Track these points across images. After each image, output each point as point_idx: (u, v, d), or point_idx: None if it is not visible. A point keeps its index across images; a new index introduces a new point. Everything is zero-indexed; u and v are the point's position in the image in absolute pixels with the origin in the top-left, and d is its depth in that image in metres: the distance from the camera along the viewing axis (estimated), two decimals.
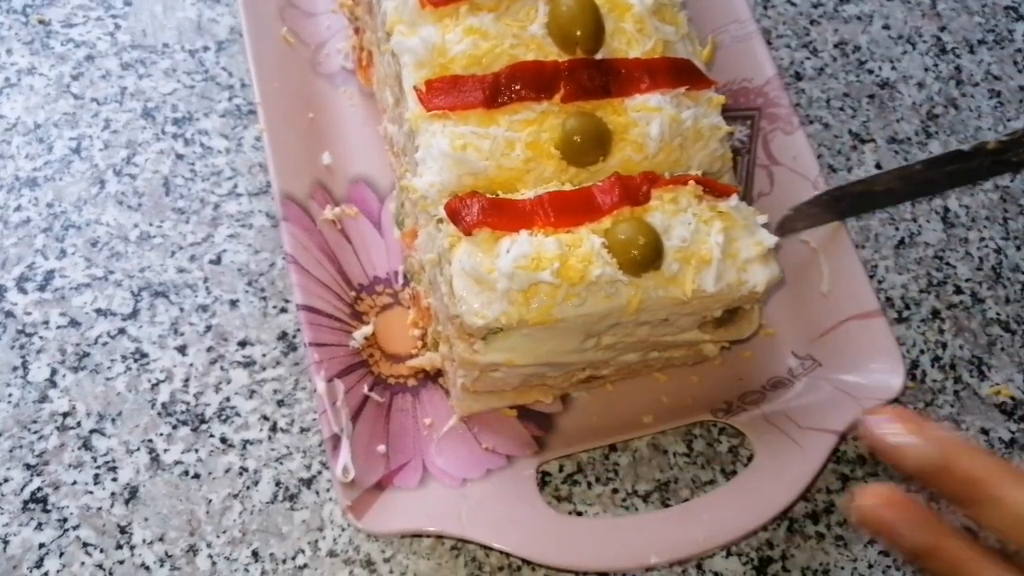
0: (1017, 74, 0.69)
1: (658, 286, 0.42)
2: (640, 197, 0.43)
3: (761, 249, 0.44)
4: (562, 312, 0.42)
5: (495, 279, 0.41)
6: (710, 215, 0.44)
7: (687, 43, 0.50)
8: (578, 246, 0.41)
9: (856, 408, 0.51)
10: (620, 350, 0.47)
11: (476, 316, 0.41)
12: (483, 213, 0.42)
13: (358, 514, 0.44)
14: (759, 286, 0.44)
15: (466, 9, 0.47)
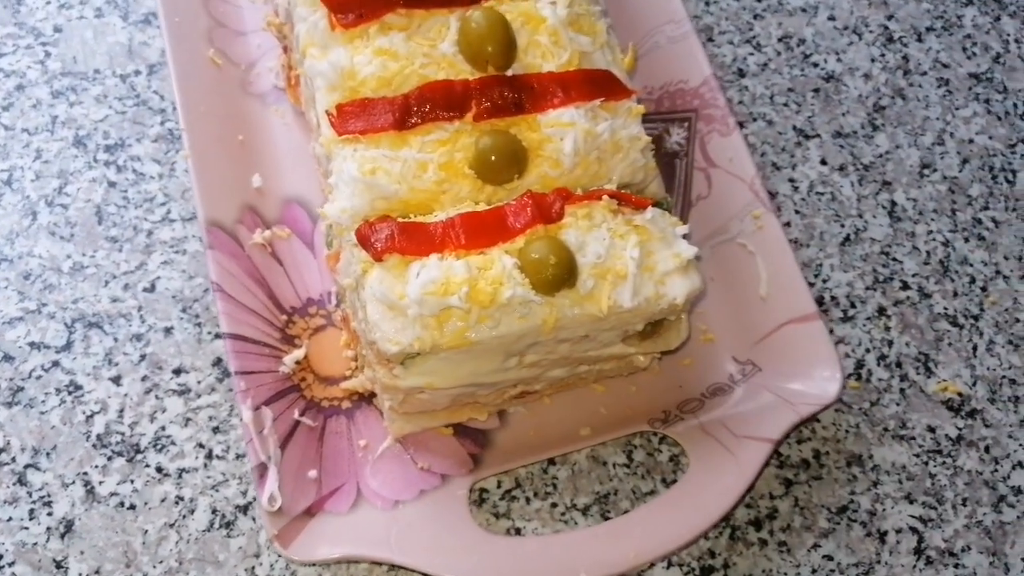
0: (967, 60, 0.68)
1: (573, 304, 0.42)
2: (553, 215, 0.43)
3: (680, 261, 0.44)
4: (477, 335, 0.41)
5: (406, 305, 0.41)
6: (625, 229, 0.44)
7: (606, 52, 0.49)
8: (489, 268, 0.41)
9: (793, 415, 0.51)
10: (545, 367, 0.47)
11: (390, 343, 0.41)
12: (392, 238, 0.41)
13: (285, 543, 0.45)
14: (679, 299, 0.43)
15: (376, 30, 0.46)
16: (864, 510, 0.54)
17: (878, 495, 0.55)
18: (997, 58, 0.68)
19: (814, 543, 0.53)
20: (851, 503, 0.54)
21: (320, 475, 0.48)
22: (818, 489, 0.54)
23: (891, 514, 0.54)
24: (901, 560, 0.53)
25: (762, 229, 0.55)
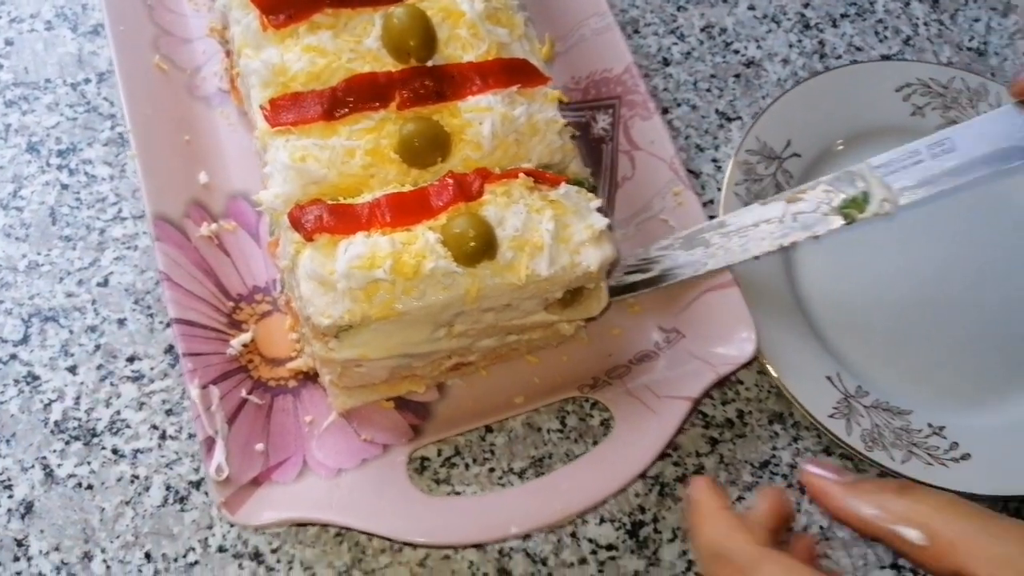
0: (879, 44, 0.72)
1: (494, 274, 0.45)
2: (473, 193, 0.46)
3: (592, 232, 0.47)
4: (403, 306, 0.44)
5: (336, 280, 0.44)
6: (541, 204, 0.47)
7: (524, 43, 0.52)
8: (412, 243, 0.44)
9: (712, 374, 0.54)
10: (473, 336, 0.50)
11: (322, 316, 0.44)
12: (321, 219, 0.44)
13: (232, 509, 0.47)
14: (592, 266, 0.47)
15: (305, 29, 0.49)
16: (785, 463, 0.57)
17: (798, 449, 0.58)
18: (907, 40, 0.73)
19: (738, 496, 0.56)
20: (773, 458, 0.58)
21: (267, 448, 0.51)
22: (742, 446, 0.58)
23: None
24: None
25: (682, 205, 0.58)
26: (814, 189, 0.51)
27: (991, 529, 0.34)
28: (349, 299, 0.44)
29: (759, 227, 0.51)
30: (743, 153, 0.63)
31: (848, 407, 0.57)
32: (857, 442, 0.55)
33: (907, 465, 0.55)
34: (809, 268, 0.62)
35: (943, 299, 0.62)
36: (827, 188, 0.50)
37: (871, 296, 0.62)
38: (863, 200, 0.50)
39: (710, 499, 0.40)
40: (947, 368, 0.60)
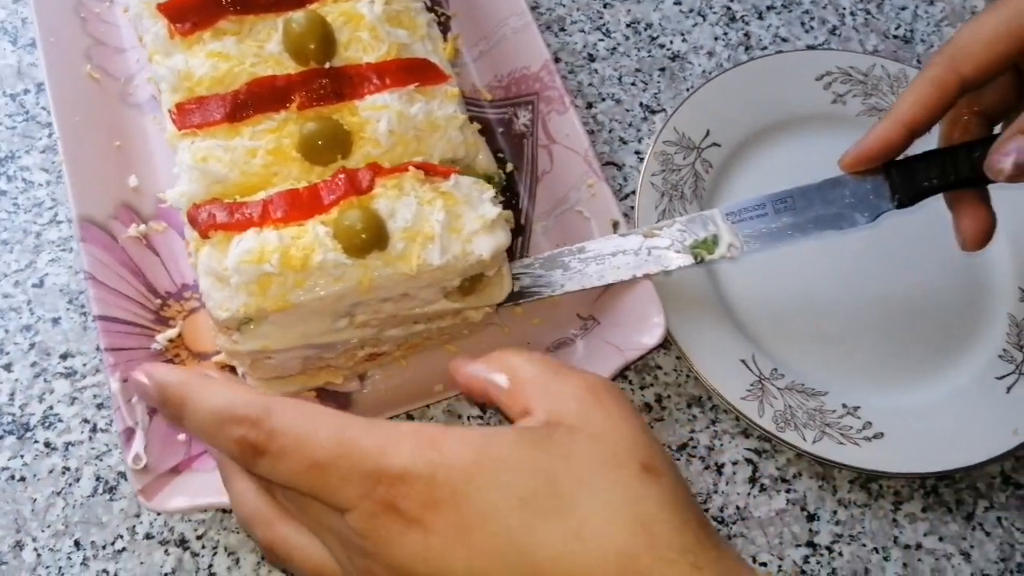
0: (804, 34, 0.73)
1: (385, 264, 0.47)
2: (364, 187, 0.48)
3: (484, 221, 0.49)
4: (297, 298, 0.46)
5: (229, 274, 0.46)
6: (432, 196, 0.49)
7: (427, 43, 0.54)
8: (302, 237, 0.46)
9: (620, 359, 0.56)
10: (377, 326, 0.51)
11: (220, 309, 0.46)
12: (215, 217, 0.46)
13: (148, 496, 0.49)
14: (485, 254, 0.48)
15: (210, 35, 0.52)
16: (703, 446, 0.59)
17: (716, 432, 0.59)
18: (833, 30, 0.74)
19: None
20: (691, 440, 0.59)
21: (190, 439, 0.53)
22: (660, 429, 0.59)
23: (728, 448, 0.59)
24: (737, 488, 0.58)
25: (595, 196, 0.60)
26: (670, 227, 0.55)
27: (560, 374, 0.38)
28: (245, 293, 0.46)
29: (616, 256, 0.55)
30: (660, 144, 0.64)
31: (761, 389, 0.58)
32: (769, 423, 0.57)
33: (819, 444, 0.56)
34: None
35: (859, 283, 0.63)
36: (681, 228, 0.55)
37: (788, 281, 0.63)
38: (712, 243, 0.54)
39: (199, 371, 0.38)
40: (862, 351, 0.61)
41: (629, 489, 0.34)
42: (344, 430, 0.35)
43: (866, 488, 0.58)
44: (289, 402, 0.36)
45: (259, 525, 0.37)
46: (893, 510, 0.58)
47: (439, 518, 0.33)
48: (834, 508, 0.58)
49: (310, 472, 0.34)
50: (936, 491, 0.59)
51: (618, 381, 0.60)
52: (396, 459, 0.34)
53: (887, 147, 0.50)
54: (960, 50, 0.48)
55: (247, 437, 0.35)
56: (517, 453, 0.34)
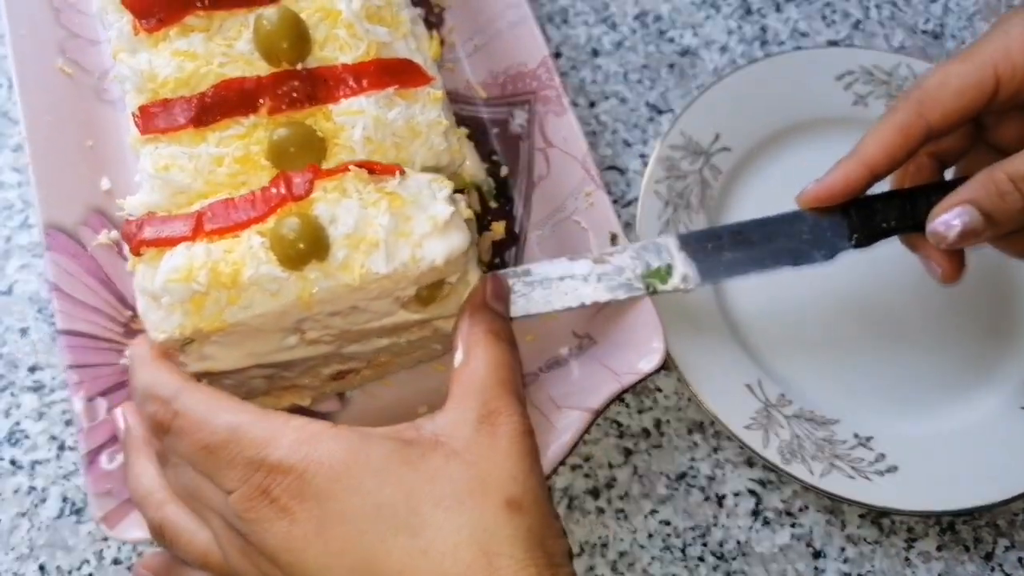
0: (825, 28, 0.69)
1: (326, 276, 0.43)
2: (302, 192, 0.43)
3: (435, 223, 0.44)
4: (233, 316, 0.42)
5: (160, 294, 0.42)
6: (376, 197, 0.44)
7: (410, 41, 0.50)
8: (233, 250, 0.42)
9: (615, 384, 0.52)
10: (333, 343, 0.47)
11: (157, 331, 0.43)
12: (144, 232, 0.43)
13: (111, 523, 0.47)
14: (438, 259, 0.44)
15: (176, 32, 0.48)
16: (704, 475, 0.55)
17: (718, 460, 0.56)
18: (857, 24, 0.69)
19: (652, 509, 0.54)
20: (691, 469, 0.55)
21: None
22: (658, 457, 0.56)
23: (730, 478, 0.55)
24: (739, 522, 0.54)
25: (593, 206, 0.56)
26: (622, 254, 0.51)
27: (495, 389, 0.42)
28: (179, 313, 0.42)
29: (564, 281, 0.50)
30: (665, 148, 0.60)
31: (767, 417, 0.54)
32: (774, 454, 0.53)
33: (828, 478, 0.53)
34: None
35: (877, 303, 0.58)
36: (634, 255, 0.51)
37: (799, 299, 0.59)
38: (666, 273, 0.50)
39: (144, 350, 0.43)
40: (878, 376, 0.57)
41: (484, 520, 0.37)
42: (238, 416, 0.39)
43: (877, 524, 0.54)
44: (198, 389, 0.41)
45: (151, 505, 0.42)
46: (906, 548, 0.54)
47: (304, 512, 0.37)
48: (842, 545, 0.54)
49: (202, 452, 0.39)
50: (952, 528, 0.55)
51: (614, 405, 0.56)
52: (276, 450, 0.38)
53: (848, 188, 0.49)
54: (929, 96, 0.47)
55: (156, 414, 0.41)
56: (385, 464, 0.38)
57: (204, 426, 0.39)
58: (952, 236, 0.46)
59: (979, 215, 0.45)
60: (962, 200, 0.46)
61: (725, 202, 0.60)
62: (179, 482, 0.41)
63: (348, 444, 0.38)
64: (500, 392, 0.41)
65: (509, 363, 0.43)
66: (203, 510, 0.40)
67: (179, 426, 0.40)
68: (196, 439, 0.39)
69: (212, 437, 0.39)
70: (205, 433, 0.39)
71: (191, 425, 0.40)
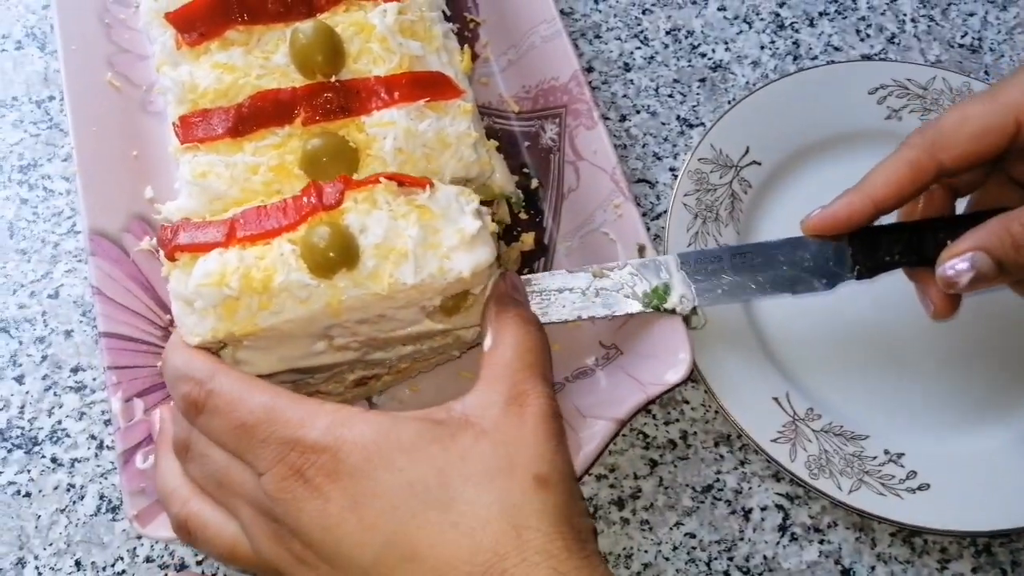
0: (859, 43, 0.68)
1: (355, 284, 0.43)
2: (333, 202, 0.44)
3: (463, 236, 0.45)
4: (264, 321, 0.43)
5: (193, 299, 0.43)
6: (406, 209, 0.45)
7: (442, 55, 0.51)
8: (265, 257, 0.43)
9: (641, 395, 0.52)
10: (359, 350, 0.48)
11: (191, 335, 0.44)
12: (179, 237, 0.44)
13: (144, 522, 0.48)
14: (465, 271, 0.44)
15: (217, 46, 0.50)
16: (730, 488, 0.55)
17: (745, 474, 0.55)
18: (892, 39, 0.68)
19: (677, 521, 0.54)
20: (717, 482, 0.55)
21: None
22: (684, 468, 0.55)
23: (757, 492, 0.55)
24: (765, 537, 0.54)
25: (621, 218, 0.56)
26: (621, 270, 0.51)
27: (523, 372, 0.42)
28: (212, 317, 0.43)
29: (563, 294, 0.51)
30: (695, 162, 0.60)
31: (795, 431, 0.54)
32: (801, 469, 0.52)
33: (856, 495, 0.52)
34: None
35: (909, 314, 0.57)
36: (633, 272, 0.51)
37: (829, 310, 0.58)
38: (664, 292, 0.50)
39: (178, 337, 0.44)
40: (910, 391, 0.56)
41: (512, 495, 0.37)
42: (274, 399, 0.40)
43: (909, 543, 0.53)
44: (233, 371, 0.42)
45: (176, 501, 0.43)
46: (939, 569, 0.53)
47: (338, 490, 0.37)
48: (872, 563, 0.53)
49: (236, 431, 0.39)
50: (989, 550, 0.53)
51: (641, 416, 0.56)
52: (311, 431, 0.38)
53: (850, 221, 0.49)
54: (944, 137, 0.46)
55: (191, 394, 0.41)
56: (416, 443, 0.38)
57: (239, 405, 0.40)
58: (962, 283, 0.45)
59: (992, 263, 0.45)
60: (975, 247, 0.45)
61: (754, 215, 0.60)
62: (203, 473, 0.42)
63: (380, 425, 0.39)
64: (528, 374, 0.42)
65: (536, 346, 0.43)
66: (231, 498, 0.41)
67: (214, 405, 0.40)
68: (232, 417, 0.40)
69: (248, 416, 0.39)
70: (241, 412, 0.39)
71: (226, 404, 0.40)
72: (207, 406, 0.41)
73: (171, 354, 0.44)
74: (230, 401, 0.40)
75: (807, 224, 0.50)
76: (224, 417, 0.40)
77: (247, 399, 0.40)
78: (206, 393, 0.41)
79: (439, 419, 0.40)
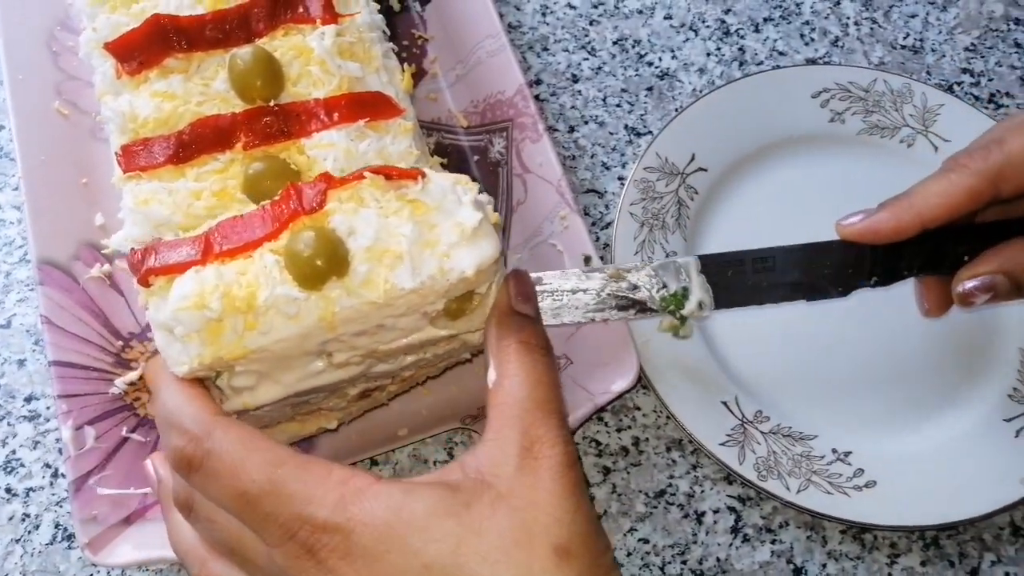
0: (804, 47, 0.69)
1: (348, 294, 0.40)
2: (315, 204, 0.41)
3: (463, 231, 0.41)
4: (254, 343, 0.40)
5: (173, 325, 0.41)
6: (397, 205, 0.41)
7: (382, 75, 0.52)
8: (247, 272, 0.40)
9: (590, 404, 0.53)
10: (361, 364, 0.46)
11: (178, 365, 0.41)
12: (149, 260, 0.42)
13: (95, 549, 0.48)
14: (468, 270, 0.40)
15: (157, 74, 0.50)
16: (683, 493, 0.56)
17: (697, 477, 0.56)
18: (836, 42, 0.69)
19: (631, 527, 0.55)
20: (669, 487, 0.56)
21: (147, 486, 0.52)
22: (636, 475, 0.56)
23: (709, 495, 0.56)
24: (718, 539, 0.54)
25: (568, 229, 0.57)
26: (639, 271, 0.49)
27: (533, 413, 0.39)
28: (197, 343, 0.40)
29: (576, 295, 0.48)
30: (641, 171, 0.61)
31: (744, 433, 0.54)
32: (750, 471, 0.53)
33: (804, 494, 0.53)
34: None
35: (855, 316, 0.59)
36: (651, 274, 0.49)
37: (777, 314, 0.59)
38: (682, 297, 0.48)
39: (166, 370, 0.41)
40: (857, 391, 0.57)
41: (532, 572, 0.35)
42: (277, 468, 0.37)
43: (859, 539, 0.54)
44: (232, 426, 0.39)
45: (194, 562, 0.41)
46: (889, 564, 0.54)
47: (352, 571, 0.36)
48: (823, 561, 0.54)
49: (239, 500, 0.37)
50: (937, 543, 0.54)
51: (592, 422, 0.57)
52: (320, 510, 0.36)
53: (895, 234, 0.47)
54: (1012, 168, 0.45)
55: (185, 450, 0.38)
56: (430, 519, 0.36)
57: (240, 473, 0.37)
58: (978, 302, 0.46)
59: (1010, 285, 0.45)
60: (996, 270, 0.45)
61: (701, 222, 0.61)
62: (213, 538, 0.40)
63: (391, 500, 0.36)
64: (539, 416, 0.39)
65: (545, 379, 0.40)
66: (246, 564, 0.39)
67: (213, 468, 0.38)
68: (232, 486, 0.37)
69: (251, 486, 0.37)
70: (241, 480, 0.37)
71: (226, 470, 0.37)
72: (204, 467, 0.38)
73: (163, 392, 0.41)
74: (230, 466, 0.37)
75: (847, 229, 0.48)
76: (224, 485, 0.37)
77: (248, 466, 0.37)
78: (203, 453, 0.38)
79: (453, 483, 0.37)
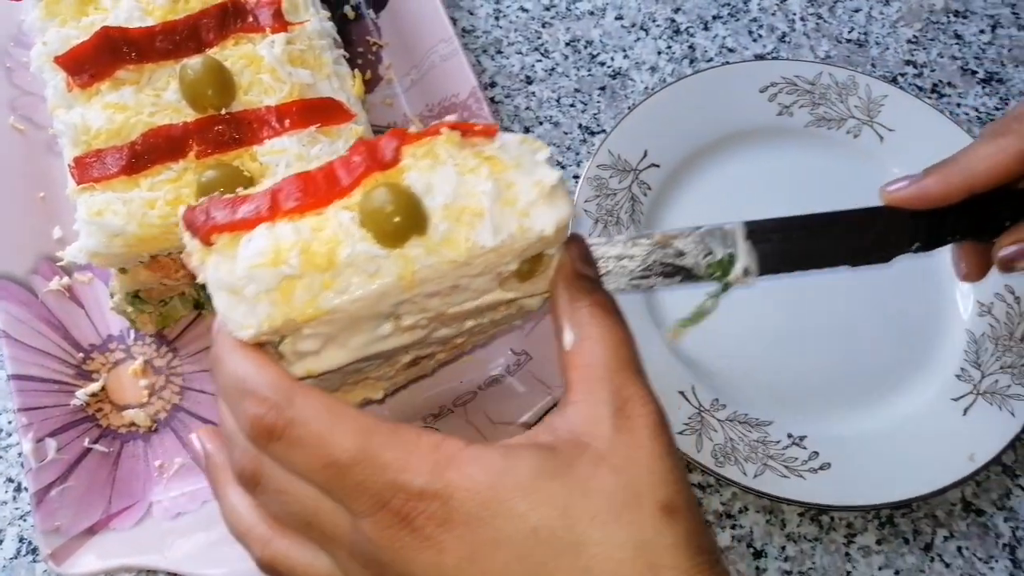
0: (752, 43, 0.71)
1: (429, 252, 0.38)
2: (389, 160, 0.39)
3: (542, 188, 0.39)
4: (328, 302, 0.37)
5: (243, 284, 0.37)
6: (475, 163, 0.39)
7: (333, 81, 0.53)
8: (323, 228, 0.38)
9: (547, 397, 0.54)
10: (426, 328, 0.44)
11: (243, 329, 0.37)
12: (214, 215, 0.38)
13: (59, 560, 0.49)
14: (547, 229, 0.39)
15: (108, 86, 0.51)
16: None
17: None
18: (783, 38, 0.71)
19: None
20: None
21: (111, 496, 0.52)
22: None
23: None
24: None
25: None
26: (685, 238, 0.46)
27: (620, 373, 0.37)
28: (266, 303, 0.37)
29: (621, 261, 0.46)
30: (594, 168, 0.62)
31: (701, 422, 0.56)
32: (708, 458, 0.54)
33: (761, 479, 0.54)
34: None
35: (806, 304, 0.60)
36: (697, 241, 0.47)
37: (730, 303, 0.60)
38: (728, 263, 0.47)
39: (230, 336, 0.37)
40: (808, 377, 0.58)
41: (644, 531, 0.34)
42: (368, 435, 0.35)
43: (817, 521, 0.56)
44: (313, 392, 0.36)
45: (256, 542, 0.38)
46: (846, 543, 0.55)
47: (453, 540, 0.34)
48: (782, 543, 0.55)
49: (327, 469, 0.35)
50: (892, 521, 0.56)
51: None
52: (416, 477, 0.34)
53: (943, 199, 0.46)
54: None
55: (265, 418, 0.35)
56: (534, 482, 0.34)
57: (329, 440, 0.35)
58: (1021, 267, 0.46)
59: None
60: None
61: (655, 216, 0.62)
62: (285, 511, 0.37)
63: (492, 464, 0.34)
64: (627, 376, 0.38)
65: (626, 338, 0.39)
66: (324, 541, 0.36)
67: (296, 436, 0.35)
68: (320, 455, 0.35)
69: (342, 454, 0.34)
70: (330, 448, 0.34)
71: (312, 437, 0.35)
72: (286, 436, 0.35)
73: (228, 358, 0.37)
74: (317, 435, 0.35)
75: (892, 195, 0.47)
76: (310, 453, 0.35)
77: (337, 434, 0.35)
78: (286, 421, 0.35)
79: (549, 444, 0.36)
